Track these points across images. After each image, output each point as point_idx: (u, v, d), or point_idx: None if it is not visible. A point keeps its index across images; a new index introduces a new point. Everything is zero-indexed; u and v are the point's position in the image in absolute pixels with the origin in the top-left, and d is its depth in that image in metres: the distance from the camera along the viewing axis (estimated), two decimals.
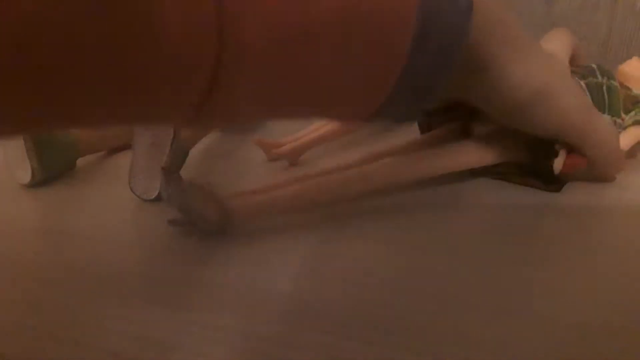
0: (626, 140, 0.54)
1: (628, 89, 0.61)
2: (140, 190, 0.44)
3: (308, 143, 0.60)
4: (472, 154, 0.41)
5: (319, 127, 0.64)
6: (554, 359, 0.23)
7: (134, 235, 0.39)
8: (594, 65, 0.55)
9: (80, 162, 0.55)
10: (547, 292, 0.29)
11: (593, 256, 0.33)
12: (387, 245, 0.35)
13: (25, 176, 0.47)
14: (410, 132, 0.49)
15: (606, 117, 0.48)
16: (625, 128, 0.52)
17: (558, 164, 0.40)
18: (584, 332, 0.25)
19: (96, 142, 0.58)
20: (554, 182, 0.43)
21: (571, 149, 0.39)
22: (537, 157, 0.42)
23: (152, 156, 0.44)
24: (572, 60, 0.52)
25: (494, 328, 0.26)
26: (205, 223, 0.36)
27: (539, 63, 0.30)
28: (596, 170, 0.43)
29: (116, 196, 0.46)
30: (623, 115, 0.57)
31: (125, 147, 0.59)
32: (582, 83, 0.47)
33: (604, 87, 0.54)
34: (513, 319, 0.27)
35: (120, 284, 0.30)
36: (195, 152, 0.56)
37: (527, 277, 0.31)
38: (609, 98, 0.55)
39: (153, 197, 0.44)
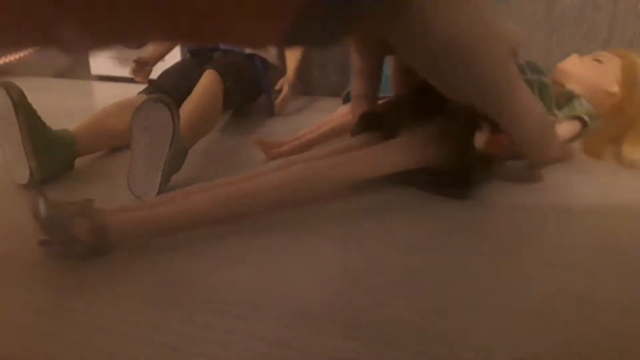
0: (560, 133, 0.56)
1: (562, 85, 0.62)
2: (139, 191, 0.44)
3: (308, 143, 0.60)
4: (392, 158, 0.40)
5: (318, 127, 0.64)
6: (550, 357, 0.23)
7: None
8: (522, 63, 0.56)
9: (79, 162, 0.55)
10: (546, 292, 0.29)
11: (587, 255, 0.33)
12: (386, 247, 0.35)
13: (24, 176, 0.47)
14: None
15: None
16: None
17: (481, 138, 0.40)
18: (581, 331, 0.25)
19: (94, 142, 0.58)
20: (466, 188, 0.44)
21: (496, 127, 0.36)
22: (455, 162, 0.42)
23: (151, 156, 0.44)
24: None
25: (492, 328, 0.26)
26: (75, 243, 0.32)
27: (473, 20, 0.28)
28: (524, 152, 0.39)
29: (115, 196, 0.46)
30: (555, 111, 0.58)
31: (124, 147, 0.59)
32: None
33: (534, 84, 0.55)
34: (510, 318, 0.26)
35: (120, 284, 0.30)
36: (195, 152, 0.56)
37: (524, 276, 0.31)
38: (540, 95, 0.56)
39: (152, 197, 0.44)
